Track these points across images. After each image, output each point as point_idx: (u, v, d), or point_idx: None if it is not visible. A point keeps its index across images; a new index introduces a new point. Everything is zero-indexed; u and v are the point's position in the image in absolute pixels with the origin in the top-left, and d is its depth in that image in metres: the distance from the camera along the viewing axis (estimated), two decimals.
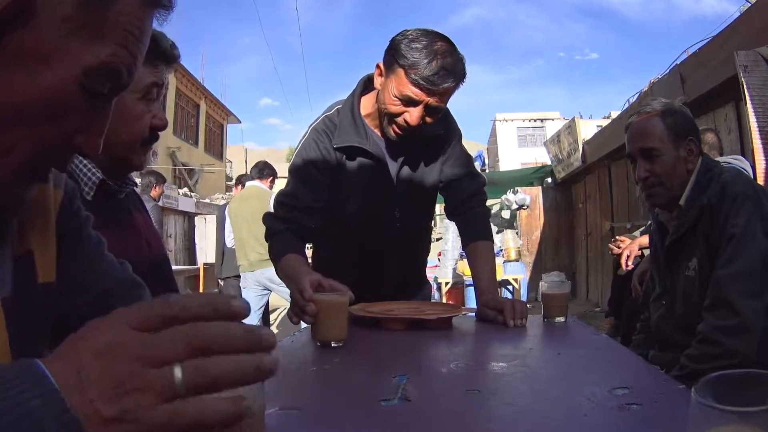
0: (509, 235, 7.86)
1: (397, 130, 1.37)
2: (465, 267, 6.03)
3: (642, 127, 1.46)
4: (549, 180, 9.50)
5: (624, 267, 2.68)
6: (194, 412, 0.37)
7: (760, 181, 2.83)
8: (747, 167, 2.54)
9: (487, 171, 13.83)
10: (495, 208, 9.53)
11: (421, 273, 1.79)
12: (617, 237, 2.94)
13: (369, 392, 0.77)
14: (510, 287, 6.97)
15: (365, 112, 1.48)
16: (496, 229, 8.80)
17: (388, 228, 1.53)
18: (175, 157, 16.90)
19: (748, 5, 3.89)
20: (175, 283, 1.31)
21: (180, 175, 17.16)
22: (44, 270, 0.61)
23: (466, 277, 6.36)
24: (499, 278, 6.45)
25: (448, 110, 1.51)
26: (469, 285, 6.18)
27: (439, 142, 1.54)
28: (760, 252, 1.27)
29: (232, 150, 25.99)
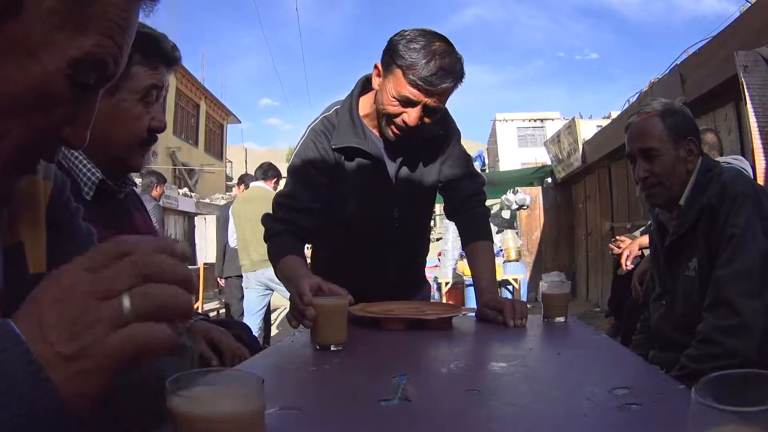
0: (509, 235, 7.86)
1: (396, 130, 1.37)
2: (465, 267, 6.03)
3: (642, 127, 1.46)
4: (549, 180, 9.51)
5: (624, 267, 2.68)
6: (143, 336, 0.41)
7: (760, 181, 2.83)
8: (747, 167, 2.54)
9: (487, 171, 13.83)
10: (495, 208, 9.53)
11: (420, 273, 1.79)
12: (617, 237, 2.94)
13: (369, 392, 0.77)
14: (510, 287, 6.97)
15: (364, 113, 1.47)
16: (496, 229, 8.80)
17: (387, 228, 1.53)
18: (175, 157, 16.90)
19: (748, 5, 3.89)
20: None
21: (180, 175, 17.16)
22: (35, 261, 0.61)
23: (466, 277, 6.36)
24: (499, 278, 6.45)
25: (446, 110, 1.51)
26: (469, 285, 6.18)
27: (438, 142, 1.54)
28: (760, 252, 1.27)
29: (232, 150, 26.00)
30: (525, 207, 8.99)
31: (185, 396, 0.47)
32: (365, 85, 1.50)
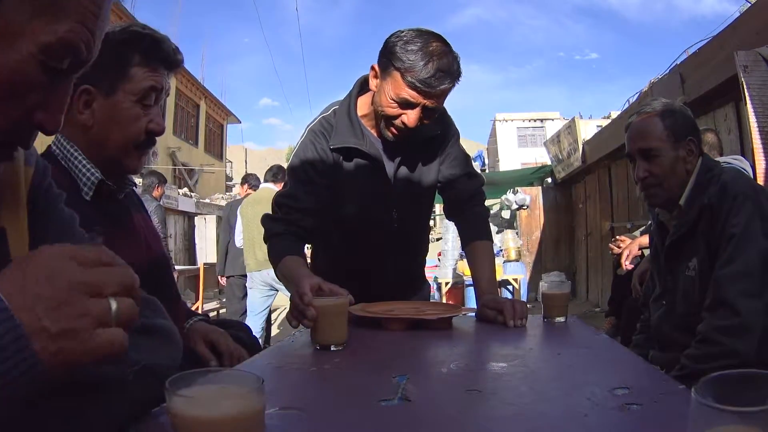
0: (509, 235, 7.86)
1: (395, 131, 1.37)
2: (465, 267, 6.03)
3: (641, 127, 1.46)
4: (549, 180, 9.51)
5: (624, 267, 2.68)
6: (121, 342, 0.45)
7: (760, 181, 2.83)
8: (747, 167, 2.54)
9: (486, 171, 13.84)
10: (495, 208, 9.54)
11: (420, 273, 1.79)
12: (617, 237, 2.94)
13: (369, 392, 0.77)
14: (510, 287, 6.97)
15: (362, 113, 1.47)
16: (496, 229, 8.81)
17: (386, 228, 1.53)
18: (175, 157, 16.90)
19: (748, 5, 3.89)
20: (175, 284, 1.31)
21: (180, 175, 17.15)
22: (16, 247, 0.62)
23: (466, 277, 6.36)
24: (499, 278, 6.45)
25: (445, 110, 1.51)
26: (469, 285, 6.18)
27: (437, 143, 1.54)
28: (760, 252, 1.27)
29: (232, 150, 26.02)
30: (525, 207, 8.99)
31: (185, 396, 0.47)
32: (363, 86, 1.50)
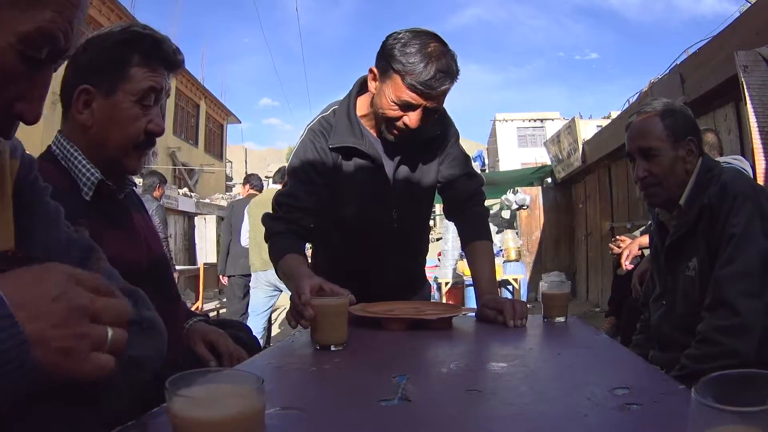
0: (509, 235, 7.86)
1: (397, 132, 1.37)
2: (465, 267, 6.03)
3: (641, 126, 1.46)
4: (549, 180, 9.51)
5: (624, 267, 2.68)
6: (111, 368, 0.48)
7: (760, 181, 2.83)
8: (747, 167, 2.54)
9: (486, 171, 13.84)
10: (495, 208, 9.54)
11: (420, 273, 1.79)
12: (617, 237, 2.95)
13: (369, 392, 0.77)
14: (510, 287, 6.97)
15: (361, 113, 1.48)
16: (496, 229, 8.81)
17: (385, 228, 1.53)
18: (175, 157, 16.89)
19: (748, 5, 3.89)
20: (175, 284, 1.31)
21: (180, 175, 17.15)
22: (2, 239, 0.62)
23: (466, 277, 6.36)
24: (499, 278, 6.45)
25: (445, 111, 1.51)
26: (469, 285, 6.18)
27: (437, 143, 1.54)
28: (760, 252, 1.27)
29: (232, 150, 26.01)
30: (525, 207, 8.99)
31: (185, 396, 0.47)
32: (363, 86, 1.50)
